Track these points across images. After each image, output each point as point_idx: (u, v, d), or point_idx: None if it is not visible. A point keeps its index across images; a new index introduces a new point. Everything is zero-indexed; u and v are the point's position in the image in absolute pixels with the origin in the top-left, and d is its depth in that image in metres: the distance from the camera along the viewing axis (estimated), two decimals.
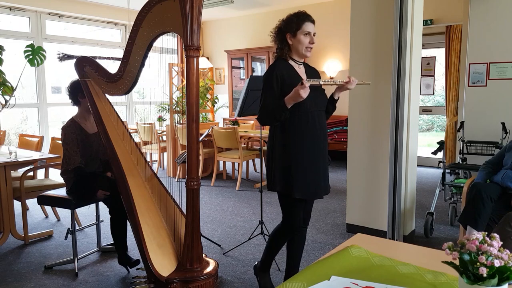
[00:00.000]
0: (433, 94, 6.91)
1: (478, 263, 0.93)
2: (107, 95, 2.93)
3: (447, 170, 4.23)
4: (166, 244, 2.48)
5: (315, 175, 2.28)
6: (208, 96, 7.04)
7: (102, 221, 3.44)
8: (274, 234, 2.47)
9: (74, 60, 2.88)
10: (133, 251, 3.18)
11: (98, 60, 2.82)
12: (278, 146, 2.26)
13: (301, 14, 2.24)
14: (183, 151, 4.66)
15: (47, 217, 4.35)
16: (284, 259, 2.86)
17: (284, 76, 2.21)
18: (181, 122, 6.07)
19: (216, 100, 7.17)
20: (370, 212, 3.64)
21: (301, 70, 2.31)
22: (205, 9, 7.21)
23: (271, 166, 2.30)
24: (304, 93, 2.05)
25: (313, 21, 2.25)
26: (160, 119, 7.01)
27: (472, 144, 4.49)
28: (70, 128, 2.94)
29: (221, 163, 6.29)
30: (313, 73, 2.38)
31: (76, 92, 2.97)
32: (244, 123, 6.94)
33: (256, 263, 2.71)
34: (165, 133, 6.43)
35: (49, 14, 7.03)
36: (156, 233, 2.50)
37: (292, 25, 2.21)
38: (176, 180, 5.77)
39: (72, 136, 2.92)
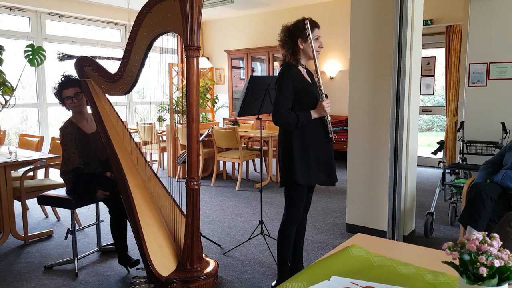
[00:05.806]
0: (433, 94, 6.91)
1: (478, 263, 0.93)
2: (107, 95, 2.93)
3: (447, 170, 4.23)
4: (166, 244, 2.48)
5: (330, 162, 2.50)
6: (208, 96, 7.03)
7: (102, 221, 3.44)
8: (283, 232, 2.50)
9: (74, 60, 2.88)
10: (133, 251, 3.18)
11: (98, 60, 2.82)
12: (297, 143, 2.36)
13: (311, 21, 2.37)
14: (183, 151, 4.66)
15: (47, 217, 4.35)
16: None
17: (298, 81, 2.36)
18: (181, 122, 6.07)
19: (216, 100, 7.17)
20: (370, 212, 3.64)
21: (305, 74, 2.46)
22: (205, 9, 7.21)
23: (292, 164, 2.36)
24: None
25: (319, 27, 2.43)
26: (160, 119, 7.01)
27: (472, 144, 4.49)
28: (68, 129, 2.94)
29: (221, 163, 6.29)
30: (310, 74, 2.54)
31: (60, 93, 2.95)
32: (244, 123, 6.93)
33: (274, 283, 2.69)
34: (165, 133, 6.43)
35: (49, 14, 7.03)
36: (156, 233, 2.50)
37: (304, 31, 2.33)
38: (176, 180, 5.77)
39: (70, 137, 2.91)
